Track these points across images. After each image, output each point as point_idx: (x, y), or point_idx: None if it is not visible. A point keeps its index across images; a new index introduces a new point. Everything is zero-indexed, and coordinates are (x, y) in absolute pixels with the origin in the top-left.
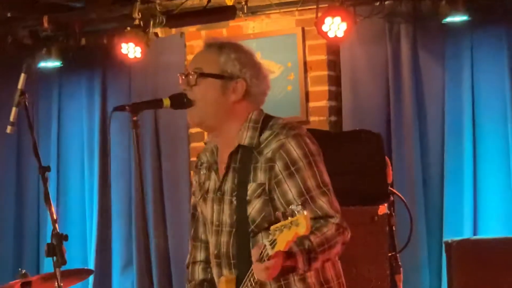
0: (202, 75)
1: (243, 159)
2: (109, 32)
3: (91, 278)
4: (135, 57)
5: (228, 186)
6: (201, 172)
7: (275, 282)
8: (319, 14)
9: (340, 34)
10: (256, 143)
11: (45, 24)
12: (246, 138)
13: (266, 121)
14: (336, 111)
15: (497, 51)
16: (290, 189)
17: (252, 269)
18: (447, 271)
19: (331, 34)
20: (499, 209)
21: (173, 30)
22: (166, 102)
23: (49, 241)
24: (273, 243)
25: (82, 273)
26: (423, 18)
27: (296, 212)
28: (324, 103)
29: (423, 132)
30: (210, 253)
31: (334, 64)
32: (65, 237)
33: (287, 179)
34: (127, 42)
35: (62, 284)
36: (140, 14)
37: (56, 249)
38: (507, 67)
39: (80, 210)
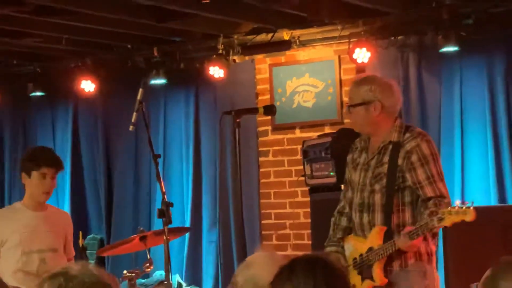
0: (351, 106)
1: (390, 149)
2: (200, 58)
3: (187, 234)
4: (219, 77)
5: (373, 162)
6: (357, 151)
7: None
8: (351, 46)
9: (366, 60)
10: (401, 140)
11: (155, 53)
12: (395, 137)
13: (406, 127)
14: None
15: (479, 73)
16: (421, 174)
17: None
18: (443, 238)
19: (359, 61)
20: (481, 185)
21: (246, 57)
22: (261, 110)
23: (159, 207)
24: (440, 220)
25: (182, 230)
26: (426, 48)
27: (465, 206)
28: None
29: None
30: (353, 204)
31: None
32: (171, 204)
33: (419, 167)
34: (213, 66)
35: (168, 238)
36: (222, 45)
37: (164, 213)
38: (486, 85)
39: (179, 185)
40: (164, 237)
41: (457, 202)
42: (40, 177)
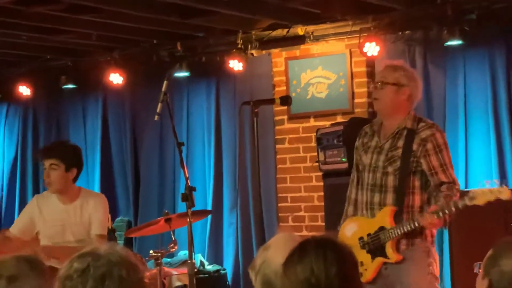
0: (385, 83)
1: (404, 134)
2: (221, 53)
3: (209, 216)
4: (238, 69)
5: (386, 146)
6: (367, 136)
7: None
8: (361, 40)
9: (375, 53)
10: (415, 128)
11: (179, 48)
12: (409, 124)
13: (419, 118)
14: (372, 105)
15: (481, 65)
16: (435, 160)
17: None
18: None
19: (369, 54)
20: (483, 169)
21: (264, 51)
22: (277, 101)
23: (183, 191)
24: (472, 199)
25: (204, 213)
26: (431, 42)
27: (500, 185)
28: (364, 100)
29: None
30: (364, 183)
31: (371, 74)
32: (194, 189)
33: (434, 154)
34: (233, 59)
35: (192, 220)
36: (241, 40)
37: (188, 197)
38: (488, 76)
39: (202, 170)
40: (188, 219)
41: (488, 182)
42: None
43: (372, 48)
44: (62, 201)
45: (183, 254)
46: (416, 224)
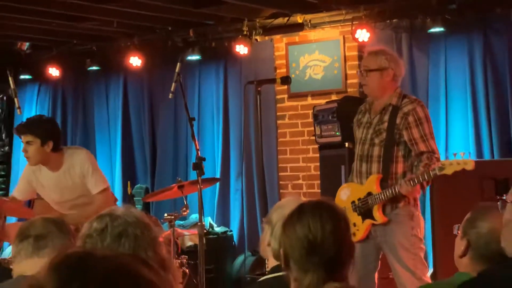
0: (369, 71)
1: (390, 110)
2: (228, 38)
3: (218, 183)
4: (244, 53)
5: (375, 120)
6: (361, 113)
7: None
8: (353, 28)
9: (366, 39)
10: (399, 104)
11: (191, 34)
12: (394, 101)
13: (404, 94)
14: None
15: (461, 50)
16: (416, 132)
17: (399, 183)
18: (430, 188)
19: (360, 40)
20: (461, 143)
21: (266, 37)
22: (278, 80)
23: (194, 161)
24: (441, 169)
25: (213, 180)
26: (416, 29)
27: (464, 157)
28: (355, 80)
29: None
30: (355, 154)
31: (362, 58)
32: (204, 159)
33: (415, 127)
34: (239, 45)
35: (202, 187)
36: (247, 27)
37: (198, 166)
38: (467, 61)
39: (211, 143)
40: (198, 186)
41: (455, 154)
42: None
43: (363, 35)
44: (50, 169)
45: (194, 217)
46: (397, 191)
